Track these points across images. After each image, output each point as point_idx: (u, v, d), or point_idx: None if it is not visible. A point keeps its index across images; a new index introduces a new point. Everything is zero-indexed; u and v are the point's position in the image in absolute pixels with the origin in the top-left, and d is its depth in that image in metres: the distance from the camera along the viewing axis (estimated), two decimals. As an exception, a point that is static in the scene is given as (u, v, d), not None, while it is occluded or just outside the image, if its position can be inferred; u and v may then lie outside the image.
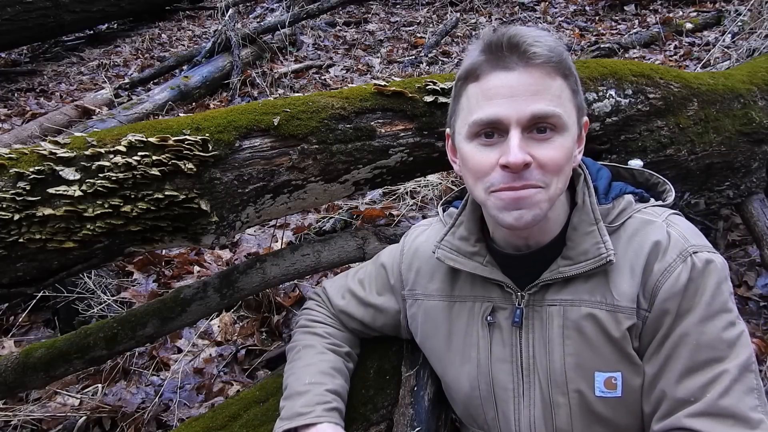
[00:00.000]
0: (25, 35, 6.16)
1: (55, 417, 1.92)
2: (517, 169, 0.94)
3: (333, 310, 1.41)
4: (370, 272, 1.39)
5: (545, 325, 1.08)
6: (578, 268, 1.04)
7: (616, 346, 1.03)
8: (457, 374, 1.18)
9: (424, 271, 1.27)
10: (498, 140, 0.98)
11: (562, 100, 0.98)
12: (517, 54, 0.96)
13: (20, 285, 1.30)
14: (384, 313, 1.34)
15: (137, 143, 1.27)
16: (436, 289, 1.23)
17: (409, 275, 1.29)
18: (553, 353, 1.06)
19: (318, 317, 1.41)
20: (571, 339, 1.05)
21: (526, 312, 1.09)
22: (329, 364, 1.29)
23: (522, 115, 0.95)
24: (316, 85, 5.00)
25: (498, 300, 1.13)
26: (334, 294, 1.41)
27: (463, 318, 1.18)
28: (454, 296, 1.20)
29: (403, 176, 1.66)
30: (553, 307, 1.07)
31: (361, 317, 1.36)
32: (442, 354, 1.22)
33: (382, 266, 1.36)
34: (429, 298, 1.24)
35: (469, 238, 1.15)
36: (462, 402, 1.20)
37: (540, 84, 0.96)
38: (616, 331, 1.02)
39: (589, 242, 1.04)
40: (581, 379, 1.04)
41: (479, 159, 0.99)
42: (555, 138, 0.97)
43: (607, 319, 1.03)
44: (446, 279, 1.22)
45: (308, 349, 1.33)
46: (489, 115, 0.96)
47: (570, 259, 1.06)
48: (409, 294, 1.28)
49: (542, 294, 1.09)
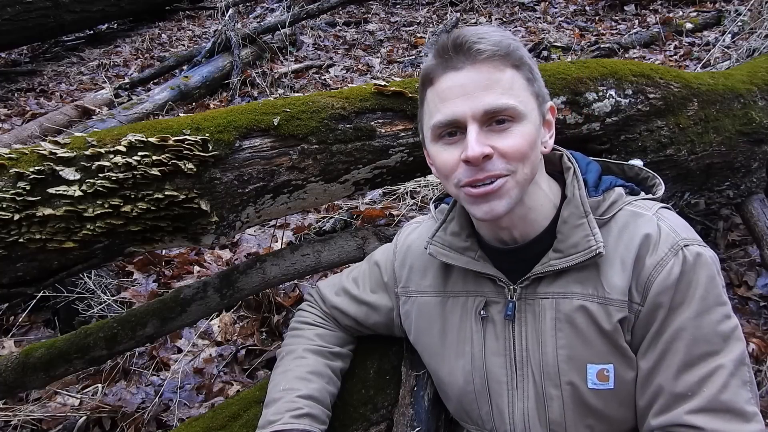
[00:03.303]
0: (25, 35, 6.15)
1: (55, 417, 1.92)
2: (477, 161, 0.97)
3: (326, 309, 1.42)
4: (364, 271, 1.40)
5: (538, 318, 1.09)
6: (568, 260, 1.05)
7: (607, 338, 1.04)
8: (452, 369, 1.19)
9: (416, 268, 1.28)
10: (460, 138, 1.01)
11: (515, 90, 1.00)
12: (462, 53, 0.99)
13: (20, 285, 1.30)
14: (377, 310, 1.35)
15: (137, 143, 1.27)
16: (429, 285, 1.24)
17: (402, 272, 1.30)
18: (545, 345, 1.07)
19: (307, 318, 1.43)
20: (563, 331, 1.06)
21: (519, 305, 1.11)
22: (306, 368, 1.29)
23: (476, 110, 0.98)
24: (316, 85, 5.00)
25: (490, 294, 1.14)
26: (327, 292, 1.43)
27: (457, 313, 1.19)
28: (447, 292, 1.21)
29: (403, 176, 1.66)
30: (546, 300, 1.08)
31: (355, 314, 1.37)
32: (437, 350, 1.22)
33: (375, 264, 1.37)
34: (422, 294, 1.25)
35: (460, 233, 1.17)
36: (456, 397, 1.21)
37: (489, 78, 0.99)
38: (608, 323, 1.03)
39: (578, 235, 1.05)
40: (574, 372, 1.05)
41: (444, 158, 1.03)
42: (513, 127, 1.00)
43: (599, 312, 1.04)
44: (439, 275, 1.23)
45: (288, 355, 1.35)
46: (446, 116, 1.00)
47: (560, 252, 1.07)
48: (402, 291, 1.30)
49: (534, 287, 1.10)
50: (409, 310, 1.28)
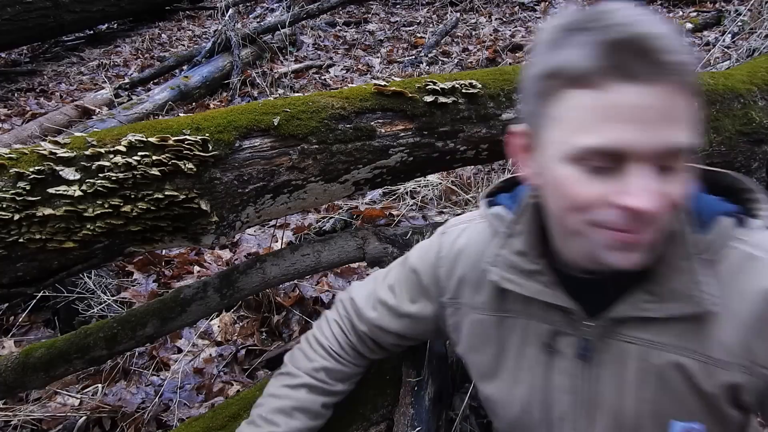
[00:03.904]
0: (25, 35, 6.15)
1: (55, 417, 1.92)
2: (645, 217, 0.73)
3: (361, 326, 1.22)
4: (399, 277, 1.19)
5: (619, 364, 0.90)
6: (666, 310, 0.85)
7: (706, 400, 0.86)
8: (507, 395, 1.03)
9: (469, 280, 1.06)
10: (615, 172, 0.74)
11: (691, 124, 0.74)
12: (648, 62, 0.70)
13: (20, 285, 1.30)
14: (421, 321, 1.16)
15: (137, 143, 1.27)
16: (484, 302, 1.04)
17: (450, 283, 1.09)
18: (625, 395, 0.90)
19: (324, 340, 1.26)
20: (650, 385, 0.88)
21: (595, 344, 0.91)
22: (295, 403, 1.20)
23: (654, 148, 0.71)
24: (316, 85, 5.00)
25: (559, 324, 0.94)
26: (364, 305, 1.22)
27: (516, 335, 1.00)
28: (506, 310, 1.01)
29: (403, 176, 1.66)
30: (631, 346, 0.89)
31: (396, 330, 1.18)
32: (489, 371, 1.06)
33: (413, 271, 1.15)
34: (476, 311, 1.06)
35: (527, 253, 0.94)
36: (508, 422, 1.07)
37: (675, 106, 0.72)
38: (710, 385, 0.85)
39: (681, 281, 0.84)
40: (654, 426, 0.90)
41: (584, 191, 0.76)
42: (680, 170, 0.75)
43: (699, 371, 0.85)
44: (496, 292, 1.01)
45: (287, 376, 1.24)
46: (607, 143, 0.72)
47: (655, 295, 0.86)
48: (450, 302, 1.10)
49: (616, 327, 0.90)
50: (459, 323, 1.09)
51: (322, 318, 1.30)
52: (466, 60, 5.03)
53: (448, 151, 1.62)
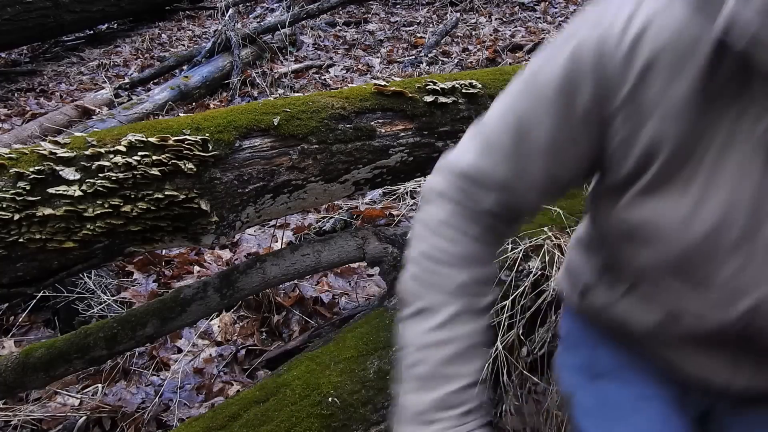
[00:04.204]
0: (25, 35, 6.15)
1: (55, 417, 1.92)
2: None
3: (487, 200, 0.82)
4: (532, 106, 0.78)
5: None
6: None
7: None
8: (689, 212, 0.76)
9: (662, 64, 0.70)
10: None
11: None
12: None
13: (20, 285, 1.30)
14: (575, 145, 0.77)
15: (137, 143, 1.27)
16: (683, 92, 0.70)
17: (628, 74, 0.71)
18: None
19: (454, 246, 0.84)
20: None
21: None
22: (466, 342, 0.84)
23: None
24: (316, 85, 5.00)
25: None
26: (482, 165, 0.81)
27: (721, 134, 0.72)
28: (713, 98, 0.71)
29: (403, 176, 1.66)
30: None
31: (535, 173, 0.80)
32: (664, 180, 0.77)
33: (558, 91, 0.75)
34: (666, 106, 0.72)
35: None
36: (677, 253, 0.79)
37: None
38: None
39: None
40: None
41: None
42: None
43: None
44: (702, 74, 0.69)
45: (432, 314, 0.83)
46: None
47: None
48: (625, 103, 0.73)
49: None
50: (634, 133, 0.73)
51: (426, 226, 0.86)
52: (466, 60, 5.03)
53: (448, 151, 1.62)
